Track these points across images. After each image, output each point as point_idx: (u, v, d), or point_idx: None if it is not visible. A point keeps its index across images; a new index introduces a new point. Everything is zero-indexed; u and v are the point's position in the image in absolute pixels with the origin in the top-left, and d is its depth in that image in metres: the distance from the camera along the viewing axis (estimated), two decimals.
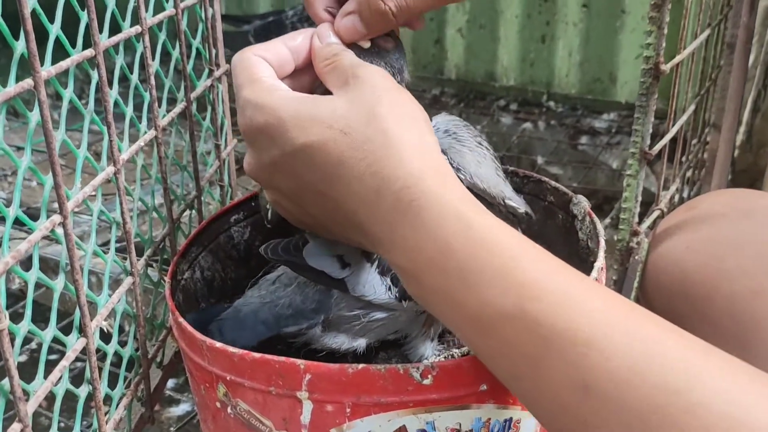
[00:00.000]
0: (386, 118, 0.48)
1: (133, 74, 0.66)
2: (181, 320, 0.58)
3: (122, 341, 0.66)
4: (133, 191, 0.67)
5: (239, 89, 0.53)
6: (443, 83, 2.33)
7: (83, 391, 0.56)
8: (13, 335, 0.44)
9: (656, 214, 0.97)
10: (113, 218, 0.63)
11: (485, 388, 0.51)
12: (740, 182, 1.43)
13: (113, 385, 0.64)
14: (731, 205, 0.81)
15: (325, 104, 0.50)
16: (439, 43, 2.29)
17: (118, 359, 0.65)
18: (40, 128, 0.47)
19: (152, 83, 0.67)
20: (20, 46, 0.45)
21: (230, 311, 0.62)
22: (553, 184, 0.76)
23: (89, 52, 0.54)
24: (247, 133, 0.53)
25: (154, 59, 0.68)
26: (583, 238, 0.70)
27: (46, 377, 0.49)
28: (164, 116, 0.71)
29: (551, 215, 0.75)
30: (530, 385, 0.43)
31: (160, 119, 0.69)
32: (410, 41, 2.13)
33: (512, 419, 0.55)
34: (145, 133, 0.68)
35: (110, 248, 0.62)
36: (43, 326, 0.49)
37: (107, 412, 0.63)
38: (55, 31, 0.50)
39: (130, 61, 0.64)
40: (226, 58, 0.89)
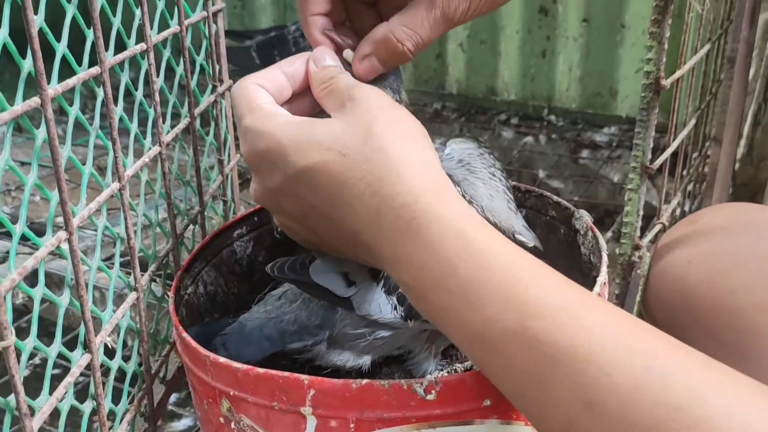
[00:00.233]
0: (383, 136, 0.48)
1: (137, 91, 0.67)
2: (184, 335, 0.58)
3: (125, 356, 0.66)
4: (136, 206, 0.67)
5: (240, 118, 0.54)
6: (444, 98, 2.34)
7: (87, 406, 0.56)
8: (18, 351, 0.44)
9: (658, 227, 0.97)
10: (117, 234, 0.63)
11: (488, 403, 0.51)
12: (741, 196, 1.43)
13: (117, 400, 0.64)
14: (732, 219, 0.81)
15: (323, 127, 0.50)
16: (440, 57, 2.30)
17: (121, 374, 0.65)
18: (44, 144, 0.47)
19: (156, 99, 0.67)
20: (27, 64, 0.45)
21: (235, 326, 0.63)
22: (555, 198, 0.76)
23: (95, 69, 0.54)
24: (249, 159, 0.54)
25: (158, 76, 0.68)
26: (585, 252, 0.70)
27: (51, 393, 0.49)
28: (168, 132, 0.72)
29: (553, 230, 0.76)
30: (535, 402, 0.43)
31: (164, 135, 0.70)
32: None
33: None
34: (149, 149, 0.68)
35: (114, 264, 0.63)
36: (45, 341, 0.49)
37: (111, 427, 0.63)
38: (61, 49, 0.51)
39: (134, 76, 0.65)
40: (229, 73, 0.89)
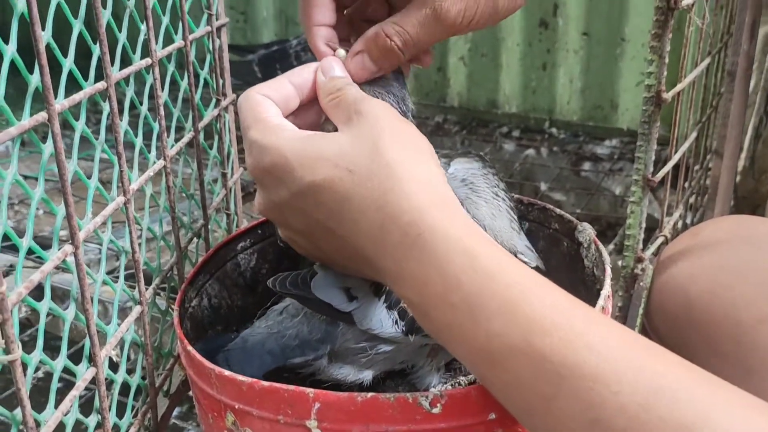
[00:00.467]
0: (389, 152, 0.48)
1: (142, 105, 0.67)
2: (189, 348, 0.58)
3: (128, 369, 0.66)
4: (141, 219, 0.68)
5: (246, 130, 0.54)
6: (446, 110, 2.34)
7: (92, 420, 0.56)
8: (25, 365, 0.45)
9: (660, 240, 0.97)
10: (122, 247, 0.63)
11: (494, 416, 0.51)
12: (742, 208, 1.44)
13: (121, 414, 0.64)
14: (734, 231, 0.81)
15: (329, 142, 0.50)
16: (441, 70, 2.31)
17: (125, 388, 0.65)
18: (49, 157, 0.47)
19: (161, 114, 0.68)
20: (35, 79, 0.46)
21: (237, 341, 0.63)
22: (557, 211, 0.76)
23: (101, 84, 0.55)
24: (254, 173, 0.53)
25: (163, 90, 0.69)
26: (588, 265, 0.70)
27: (56, 406, 0.49)
28: (173, 146, 0.72)
29: (556, 243, 0.76)
30: (540, 419, 0.43)
31: (168, 149, 0.70)
32: (413, 69, 2.15)
33: None
34: (154, 162, 0.68)
35: (119, 277, 0.63)
36: (48, 354, 0.49)
37: None
38: (68, 64, 0.51)
39: (138, 90, 0.65)
40: (232, 87, 0.90)
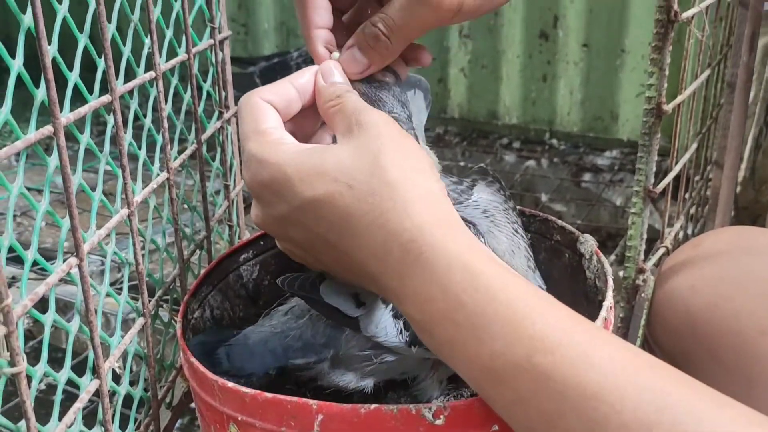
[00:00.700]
0: (390, 168, 0.48)
1: (146, 117, 0.67)
2: (192, 360, 0.58)
3: (131, 381, 0.66)
4: (144, 231, 0.68)
5: (244, 139, 0.53)
6: (446, 122, 2.35)
7: None
8: (29, 377, 0.45)
9: (661, 251, 0.97)
10: (126, 259, 0.63)
11: (497, 428, 0.51)
12: (743, 219, 1.44)
13: (124, 425, 0.64)
14: (735, 243, 0.81)
15: (329, 156, 0.50)
16: (442, 82, 2.32)
17: (127, 400, 0.65)
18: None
19: (165, 126, 0.68)
20: (41, 93, 0.46)
21: (239, 337, 0.62)
22: (559, 223, 0.76)
23: (106, 98, 0.55)
24: (252, 187, 0.53)
25: (166, 103, 0.69)
26: (590, 277, 0.70)
27: (60, 419, 0.49)
28: (176, 158, 0.72)
29: (558, 254, 0.76)
30: None
31: (172, 161, 0.70)
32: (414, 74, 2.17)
33: None
34: (157, 175, 0.69)
35: (123, 289, 0.63)
36: (48, 366, 0.49)
37: None
38: (74, 78, 0.51)
39: (141, 102, 0.65)
40: (234, 99, 0.90)
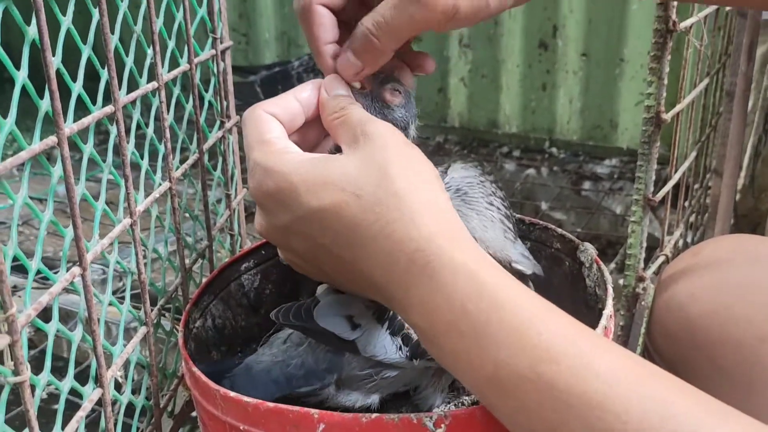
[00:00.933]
0: (397, 179, 0.48)
1: (148, 127, 0.68)
2: (194, 369, 0.58)
3: (133, 390, 0.66)
4: (146, 240, 0.68)
5: (249, 150, 0.53)
6: (447, 131, 2.36)
7: None
8: (33, 386, 0.45)
9: (661, 259, 0.98)
10: (128, 269, 0.64)
11: None
12: (742, 226, 1.44)
13: None
14: (734, 251, 0.82)
15: (335, 166, 0.49)
16: (442, 91, 2.33)
17: (129, 408, 0.65)
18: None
19: (167, 136, 0.69)
20: (45, 104, 0.46)
21: (242, 368, 0.63)
22: (559, 231, 0.76)
23: (109, 108, 0.55)
24: (256, 196, 0.53)
25: (168, 112, 0.69)
26: (590, 285, 0.71)
27: (63, 428, 0.49)
28: (178, 167, 0.73)
29: (558, 262, 0.76)
30: None
31: (174, 171, 0.71)
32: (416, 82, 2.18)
33: None
34: (159, 184, 0.69)
35: (125, 298, 0.63)
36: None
37: None
38: (77, 89, 0.52)
39: (143, 111, 0.66)
40: (235, 108, 0.91)
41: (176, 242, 0.73)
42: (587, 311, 0.70)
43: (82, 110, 0.53)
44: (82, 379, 0.54)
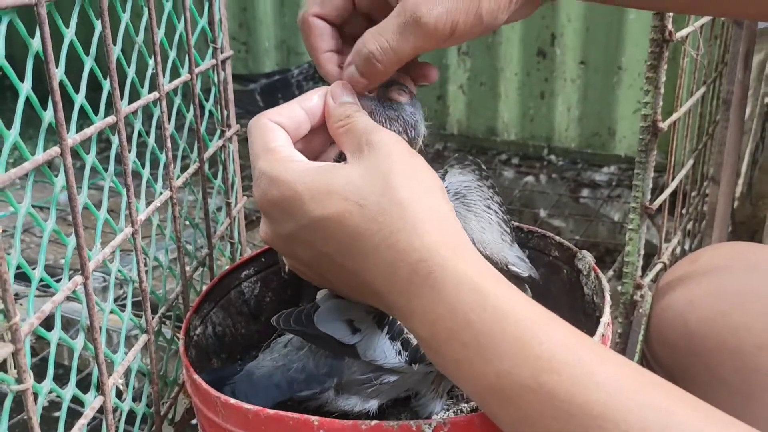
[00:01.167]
0: (400, 188, 0.48)
1: (150, 136, 0.68)
2: (195, 377, 0.59)
3: (134, 397, 0.66)
4: (147, 248, 0.69)
5: (255, 158, 0.53)
6: (446, 138, 2.37)
7: None
8: (35, 394, 0.45)
9: (659, 267, 0.98)
10: (130, 277, 0.64)
11: None
12: (740, 234, 1.45)
13: None
14: (731, 258, 0.82)
15: (339, 175, 0.50)
16: (441, 99, 2.34)
17: (130, 416, 0.66)
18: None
19: (168, 146, 0.69)
20: (48, 115, 0.47)
21: (243, 374, 0.63)
22: (557, 239, 0.77)
23: (111, 119, 0.56)
24: (261, 204, 0.53)
25: (169, 122, 0.70)
26: (588, 293, 0.71)
27: None
28: (179, 176, 0.73)
29: (556, 270, 0.77)
30: None
31: (175, 180, 0.71)
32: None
33: None
34: (160, 193, 0.70)
35: (126, 306, 0.64)
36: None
37: None
38: (80, 100, 0.52)
39: (144, 119, 0.66)
40: (235, 116, 0.91)
41: (177, 250, 0.74)
42: (585, 319, 0.71)
43: (83, 117, 0.54)
44: (83, 386, 0.55)
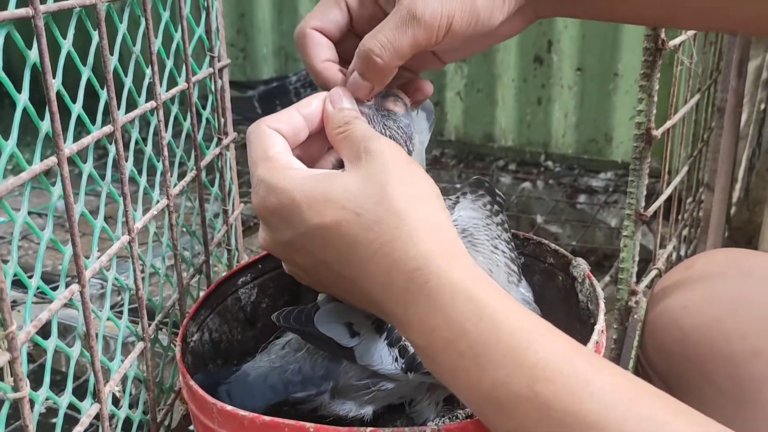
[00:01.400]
0: (397, 197, 0.49)
1: (147, 145, 0.69)
2: (192, 383, 0.59)
3: (130, 404, 0.66)
4: (144, 255, 0.69)
5: (253, 165, 0.54)
6: (443, 144, 2.38)
7: None
8: (32, 401, 0.46)
9: (654, 273, 0.99)
10: (126, 285, 0.64)
11: None
12: (737, 239, 1.45)
13: None
14: (726, 264, 0.82)
15: (337, 183, 0.50)
16: (438, 105, 2.34)
17: (127, 423, 0.66)
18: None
19: (165, 154, 0.70)
20: (45, 125, 0.47)
21: (239, 375, 0.63)
22: (552, 246, 0.77)
23: (108, 128, 0.56)
24: (260, 212, 0.53)
25: (167, 131, 0.70)
26: (583, 300, 0.71)
27: None
28: (176, 185, 0.74)
29: (551, 277, 0.77)
30: None
31: (172, 188, 0.72)
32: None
33: None
34: (157, 201, 0.70)
35: (123, 313, 0.64)
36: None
37: None
38: (77, 110, 0.53)
39: (141, 127, 0.67)
40: (233, 122, 0.92)
41: (174, 258, 0.74)
42: (580, 326, 0.71)
43: (81, 125, 0.54)
44: (80, 393, 0.55)
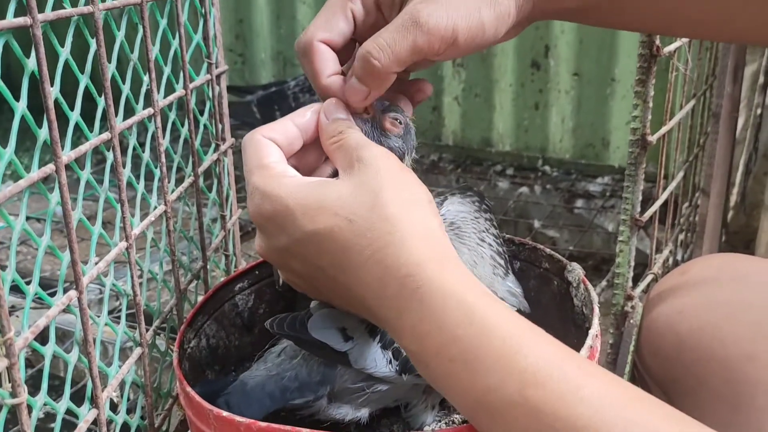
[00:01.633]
0: (390, 204, 0.49)
1: (144, 150, 0.69)
2: (188, 390, 0.59)
3: (128, 409, 0.67)
4: (141, 261, 0.69)
5: (249, 174, 0.54)
6: (441, 149, 2.38)
7: None
8: (30, 407, 0.46)
9: (650, 278, 0.99)
10: (124, 290, 0.65)
11: None
12: (734, 243, 1.46)
13: None
14: (722, 269, 0.83)
15: (330, 190, 0.51)
16: (436, 110, 2.35)
17: (124, 428, 0.66)
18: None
19: (162, 161, 0.70)
20: (43, 133, 0.48)
21: (237, 384, 0.64)
22: (548, 251, 0.78)
23: (106, 135, 0.57)
24: (256, 219, 0.54)
25: (164, 137, 0.71)
26: (578, 304, 0.72)
27: None
28: (173, 191, 0.74)
29: (547, 282, 0.77)
30: None
31: (169, 194, 0.72)
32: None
33: None
34: (155, 207, 0.70)
35: (121, 318, 0.64)
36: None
37: None
38: (75, 117, 0.53)
39: (140, 131, 0.67)
40: (231, 127, 0.92)
41: (171, 263, 0.75)
42: (575, 330, 0.71)
43: (79, 131, 0.54)
44: (77, 398, 0.55)
